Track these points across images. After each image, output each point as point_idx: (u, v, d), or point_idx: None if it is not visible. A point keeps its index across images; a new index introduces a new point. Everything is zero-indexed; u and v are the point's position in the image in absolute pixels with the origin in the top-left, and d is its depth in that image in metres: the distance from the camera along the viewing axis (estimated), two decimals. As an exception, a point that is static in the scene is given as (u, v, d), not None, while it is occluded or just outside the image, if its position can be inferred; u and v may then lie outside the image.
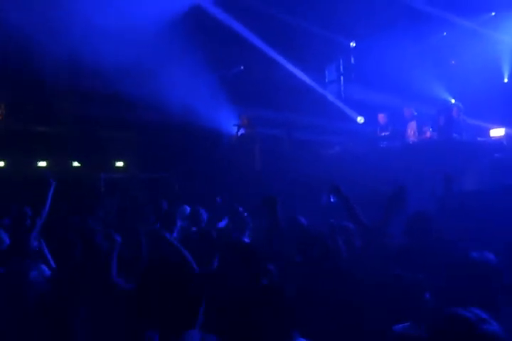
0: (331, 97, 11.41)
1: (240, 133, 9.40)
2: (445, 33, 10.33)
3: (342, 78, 12.12)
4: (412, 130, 8.54)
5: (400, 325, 2.10)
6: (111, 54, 8.52)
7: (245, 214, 5.63)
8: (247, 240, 5.31)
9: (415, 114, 8.90)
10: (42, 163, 10.79)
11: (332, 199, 4.31)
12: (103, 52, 8.38)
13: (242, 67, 11.27)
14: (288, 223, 4.55)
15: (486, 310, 1.61)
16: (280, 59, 10.78)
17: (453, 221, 3.88)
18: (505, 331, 1.43)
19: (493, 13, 9.75)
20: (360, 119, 10.51)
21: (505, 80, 9.81)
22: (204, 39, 9.67)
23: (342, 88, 11.98)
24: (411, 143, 8.27)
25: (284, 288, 2.26)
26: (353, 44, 11.73)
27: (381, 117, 9.19)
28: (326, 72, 12.31)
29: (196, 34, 9.46)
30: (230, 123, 9.64)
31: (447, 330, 1.46)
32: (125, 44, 8.72)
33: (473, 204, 4.46)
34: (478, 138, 7.89)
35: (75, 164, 10.93)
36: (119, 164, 11.12)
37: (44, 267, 3.85)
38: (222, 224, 5.74)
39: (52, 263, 3.97)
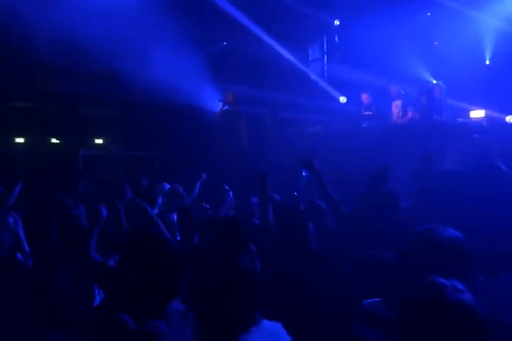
0: (314, 76, 11.33)
1: (224, 109, 9.31)
2: (429, 14, 10.31)
3: (325, 57, 12.03)
4: (396, 108, 8.55)
5: (370, 301, 2.07)
6: (92, 30, 8.33)
7: (230, 192, 5.62)
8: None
9: (402, 92, 8.91)
10: (19, 140, 10.61)
11: (304, 174, 4.30)
12: (84, 28, 8.19)
13: (224, 43, 11.09)
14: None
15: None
16: (264, 36, 10.64)
17: (431, 201, 3.92)
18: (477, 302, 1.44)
19: (478, -6, 9.73)
20: (342, 99, 10.49)
21: (487, 62, 9.86)
22: (187, 15, 9.48)
23: (325, 67, 11.90)
24: (393, 123, 8.30)
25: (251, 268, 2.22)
26: (337, 22, 11.61)
27: (364, 97, 9.18)
28: (310, 50, 12.21)
29: (179, 10, 9.27)
30: (214, 101, 9.54)
31: (420, 295, 1.43)
32: (107, 20, 8.52)
33: (451, 184, 4.51)
34: (459, 119, 7.96)
35: (54, 140, 10.77)
36: (99, 141, 10.97)
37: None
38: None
39: (25, 245, 3.90)
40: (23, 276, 3.48)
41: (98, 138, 10.97)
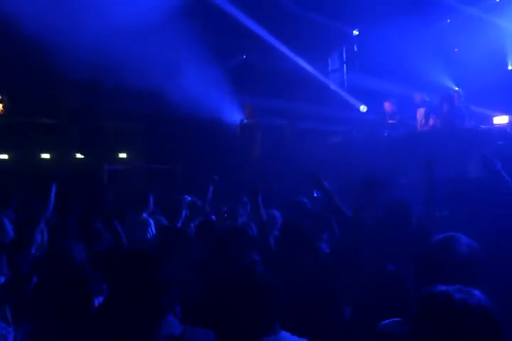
0: (333, 86, 11.33)
1: (243, 123, 9.38)
2: (449, 20, 10.23)
3: (345, 66, 12.03)
4: (420, 116, 8.47)
5: (387, 322, 1.96)
6: (114, 46, 8.51)
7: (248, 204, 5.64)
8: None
9: (427, 99, 8.83)
10: (45, 155, 10.83)
11: (315, 194, 4.30)
12: (107, 43, 8.37)
13: (244, 56, 11.20)
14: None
15: None
16: (282, 48, 10.70)
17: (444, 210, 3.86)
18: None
19: (498, 0, 9.63)
20: (362, 108, 10.45)
21: (510, 67, 9.72)
22: (206, 28, 9.62)
23: (345, 76, 11.89)
24: (419, 128, 8.23)
25: (269, 278, 2.23)
26: (356, 32, 11.62)
27: (387, 106, 9.11)
28: (329, 60, 12.22)
29: (198, 24, 9.41)
30: (233, 113, 9.62)
31: (427, 308, 1.40)
32: (130, 37, 8.71)
33: (476, 192, 4.44)
34: (482, 126, 7.84)
35: (79, 156, 10.97)
36: (123, 155, 11.13)
37: None
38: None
39: None
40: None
41: (121, 152, 11.14)
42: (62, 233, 4.38)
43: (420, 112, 8.54)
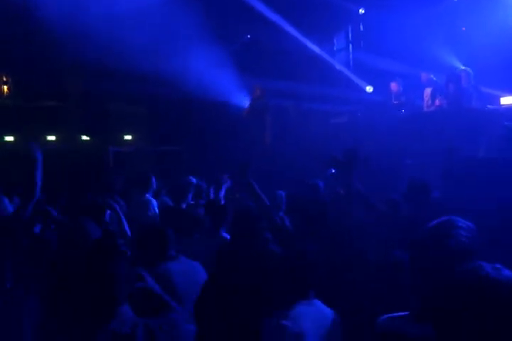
0: (339, 66, 11.21)
1: (252, 104, 9.30)
2: (456, -1, 10.07)
3: (351, 46, 11.89)
4: (427, 96, 8.40)
5: (386, 318, 1.88)
6: (120, 28, 8.45)
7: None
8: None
9: (434, 79, 8.74)
10: (51, 137, 10.87)
11: (333, 171, 4.33)
12: (112, 26, 8.32)
13: (248, 36, 11.08)
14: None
15: None
16: (288, 27, 10.58)
17: (459, 190, 3.89)
18: None
19: (506, -23, 9.45)
20: (369, 88, 10.36)
21: (517, 47, 9.59)
22: (211, 9, 9.51)
23: (351, 56, 11.76)
24: (420, 111, 8.18)
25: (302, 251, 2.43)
26: (361, 11, 11.44)
27: (394, 86, 9.02)
28: (335, 40, 12.07)
29: (203, 4, 9.30)
30: (240, 95, 9.56)
31: (458, 286, 1.37)
32: (134, 19, 8.63)
33: (482, 172, 4.45)
34: (489, 106, 7.79)
35: (84, 138, 10.99)
36: (128, 137, 11.15)
37: None
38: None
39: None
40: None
41: (127, 134, 11.15)
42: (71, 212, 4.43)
43: (427, 92, 8.47)
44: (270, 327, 2.24)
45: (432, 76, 8.79)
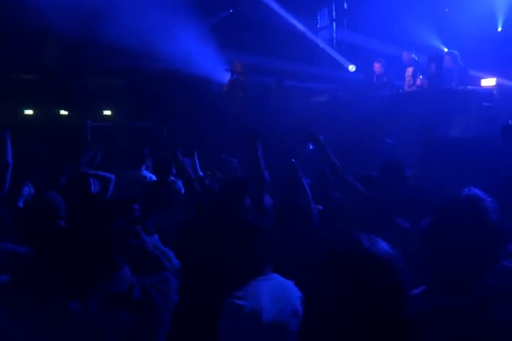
0: (322, 44, 11.14)
1: (232, 78, 9.21)
2: (441, -21, 10.02)
3: (334, 24, 11.80)
4: (408, 76, 8.43)
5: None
6: (98, 1, 8.25)
7: (234, 161, 5.66)
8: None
9: (416, 58, 8.76)
10: (29, 111, 10.66)
11: (311, 147, 4.38)
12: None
13: (231, 11, 10.91)
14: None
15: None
16: (271, 3, 10.44)
17: (435, 168, 3.94)
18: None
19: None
20: (351, 67, 10.33)
21: (499, 29, 9.63)
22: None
23: (334, 34, 11.68)
24: (401, 91, 8.21)
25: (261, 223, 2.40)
26: (346, -12, 11.34)
27: (376, 66, 9.03)
28: (318, 17, 11.97)
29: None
30: (221, 70, 9.45)
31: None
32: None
33: (457, 150, 4.51)
34: (468, 87, 7.85)
35: (62, 112, 10.81)
36: (107, 112, 10.99)
37: None
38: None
39: None
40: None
41: (106, 109, 10.99)
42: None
43: (409, 72, 8.49)
44: (226, 307, 2.20)
45: (413, 55, 8.81)
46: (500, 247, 1.69)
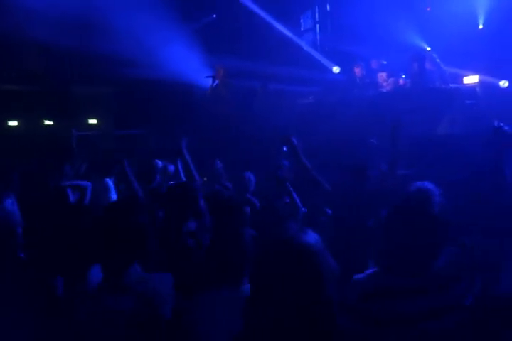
0: (306, 47, 11.18)
1: (214, 84, 9.22)
2: (421, -21, 10.11)
3: (318, 27, 11.85)
4: (383, 81, 8.51)
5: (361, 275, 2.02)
6: (80, 8, 8.22)
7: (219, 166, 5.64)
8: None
9: (384, 63, 8.86)
10: (13, 123, 10.57)
11: (285, 149, 4.42)
12: (72, 6, 8.08)
13: (214, 16, 10.92)
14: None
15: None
16: (254, 7, 10.47)
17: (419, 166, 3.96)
18: None
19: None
20: (335, 69, 10.37)
21: (480, 27, 9.73)
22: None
23: (318, 37, 11.73)
24: (384, 91, 8.25)
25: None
26: (328, -10, 11.40)
27: (357, 71, 9.11)
28: (302, 20, 12.01)
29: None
30: (204, 75, 9.46)
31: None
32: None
33: (443, 148, 4.53)
34: (451, 85, 7.90)
35: (47, 122, 10.72)
36: (93, 121, 10.92)
37: None
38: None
39: None
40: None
41: (92, 118, 10.92)
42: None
43: (382, 76, 8.56)
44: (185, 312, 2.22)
45: (383, 61, 8.91)
46: (442, 237, 1.87)
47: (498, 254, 2.33)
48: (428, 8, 10.21)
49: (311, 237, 1.56)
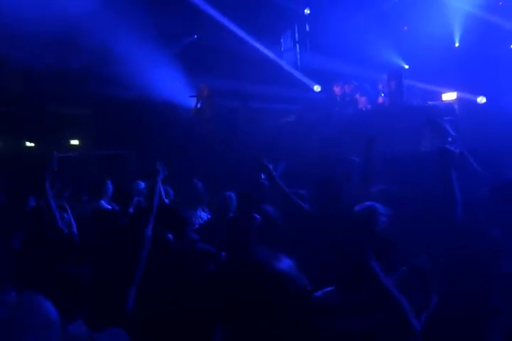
0: (287, 66, 11.32)
1: (198, 104, 9.24)
2: (397, -1, 10.35)
3: (298, 46, 12.02)
4: (360, 101, 8.58)
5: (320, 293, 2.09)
6: (60, 28, 8.21)
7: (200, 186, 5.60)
8: (204, 214, 5.34)
9: (355, 83, 8.98)
10: (-6, 144, 10.45)
11: (262, 176, 4.39)
12: (51, 25, 8.06)
13: (195, 36, 11.03)
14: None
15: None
16: (235, 28, 10.59)
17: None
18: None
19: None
20: (316, 88, 10.51)
21: (457, 44, 9.95)
22: (156, 9, 9.39)
23: (298, 56, 11.89)
24: (364, 109, 8.34)
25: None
26: (307, 11, 11.59)
27: (337, 90, 9.21)
28: (282, 40, 12.18)
29: (146, 4, 9.17)
30: (187, 95, 9.48)
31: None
32: (75, 18, 8.40)
33: (425, 165, 4.56)
34: (429, 102, 8.03)
35: (28, 144, 10.63)
36: (74, 142, 10.86)
37: None
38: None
39: None
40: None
41: (73, 138, 10.85)
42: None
43: (358, 98, 8.59)
44: None
45: (346, 87, 9.02)
46: (387, 256, 1.93)
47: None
48: (405, 27, 10.44)
49: (284, 263, 1.54)
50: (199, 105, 9.21)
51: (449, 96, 8.59)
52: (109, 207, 5.29)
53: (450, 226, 2.72)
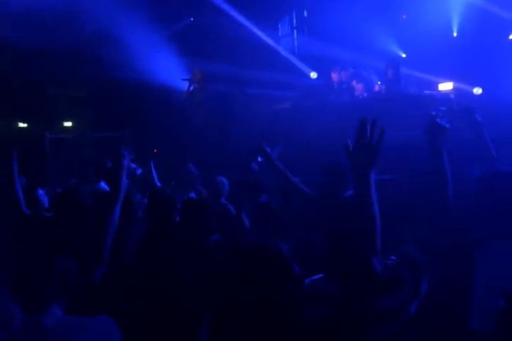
0: (284, 52, 11.23)
1: (191, 88, 9.19)
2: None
3: (295, 32, 11.92)
4: (358, 90, 8.53)
5: (313, 278, 2.14)
6: (56, 8, 8.11)
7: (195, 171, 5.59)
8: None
9: (352, 70, 8.91)
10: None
11: (260, 159, 4.42)
12: (49, 5, 7.96)
13: (191, 19, 10.90)
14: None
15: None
16: (232, 11, 10.48)
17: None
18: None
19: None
20: (313, 74, 10.44)
21: (455, 34, 9.91)
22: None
23: (295, 42, 11.80)
24: (360, 97, 8.31)
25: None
26: (305, -4, 11.46)
27: (334, 76, 9.13)
28: (280, 26, 12.07)
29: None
30: (181, 78, 9.42)
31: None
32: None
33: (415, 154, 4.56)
34: (426, 92, 8.02)
35: (21, 125, 10.55)
36: (68, 124, 10.78)
37: None
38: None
39: None
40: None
41: (67, 120, 10.78)
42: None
43: (357, 87, 8.52)
44: None
45: (351, 69, 8.94)
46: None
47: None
48: (404, 16, 10.37)
49: (279, 248, 1.59)
50: (191, 88, 9.16)
51: (446, 86, 8.59)
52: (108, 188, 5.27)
53: (441, 211, 2.66)
